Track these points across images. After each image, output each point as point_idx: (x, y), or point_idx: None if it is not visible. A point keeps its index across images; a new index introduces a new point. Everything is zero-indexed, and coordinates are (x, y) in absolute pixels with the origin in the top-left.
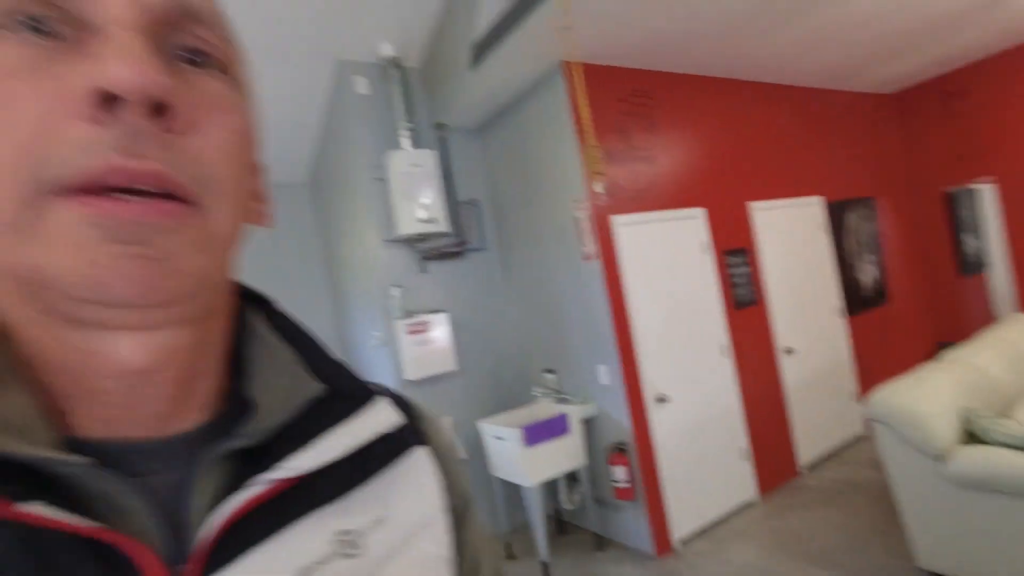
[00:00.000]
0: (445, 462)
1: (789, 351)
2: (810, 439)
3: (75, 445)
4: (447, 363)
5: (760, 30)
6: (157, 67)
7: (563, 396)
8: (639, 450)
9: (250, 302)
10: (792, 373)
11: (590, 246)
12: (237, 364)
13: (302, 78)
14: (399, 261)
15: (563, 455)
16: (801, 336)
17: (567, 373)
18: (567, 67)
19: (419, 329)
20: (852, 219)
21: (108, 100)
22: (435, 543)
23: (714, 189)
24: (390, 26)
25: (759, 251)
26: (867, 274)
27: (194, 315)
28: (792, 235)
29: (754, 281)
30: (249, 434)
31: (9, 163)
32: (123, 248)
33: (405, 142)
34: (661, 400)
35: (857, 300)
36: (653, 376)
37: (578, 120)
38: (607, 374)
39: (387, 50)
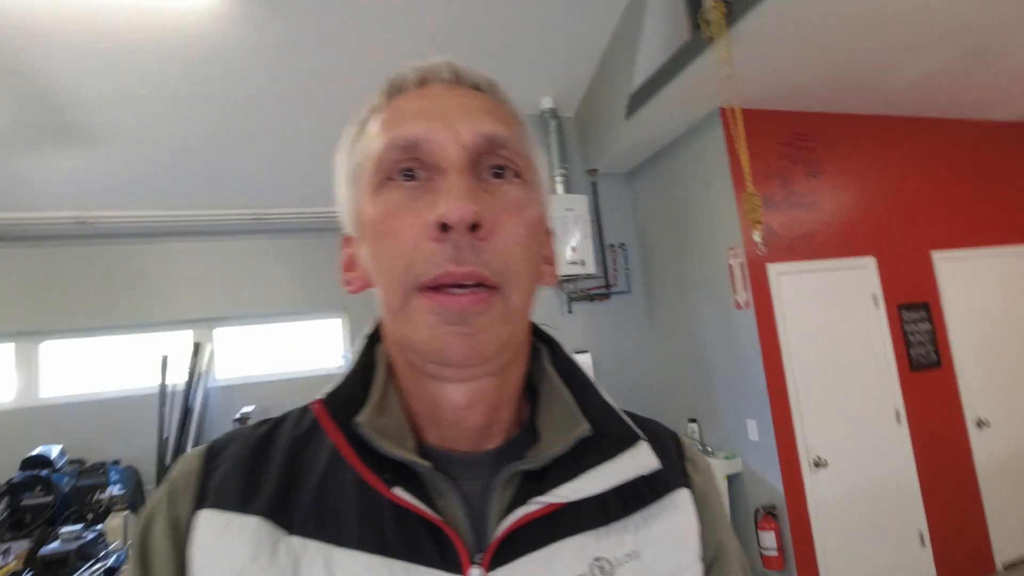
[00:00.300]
0: (704, 507)
1: (982, 423)
2: (1011, 532)
3: (424, 451)
4: None
5: (949, 63)
6: (473, 199)
7: (705, 448)
8: (791, 516)
9: (543, 342)
10: (986, 449)
11: (743, 295)
12: (531, 396)
13: None
14: (547, 301)
15: None
16: (998, 406)
17: (711, 424)
18: (724, 113)
19: None
20: None
21: (444, 227)
22: None
23: (888, 236)
24: (549, 80)
25: (944, 306)
26: None
27: (497, 368)
28: (989, 288)
29: (937, 340)
30: (533, 460)
31: (398, 272)
32: (453, 328)
33: (559, 187)
34: (819, 464)
35: None
36: (810, 436)
37: (735, 166)
38: (757, 430)
39: (547, 102)
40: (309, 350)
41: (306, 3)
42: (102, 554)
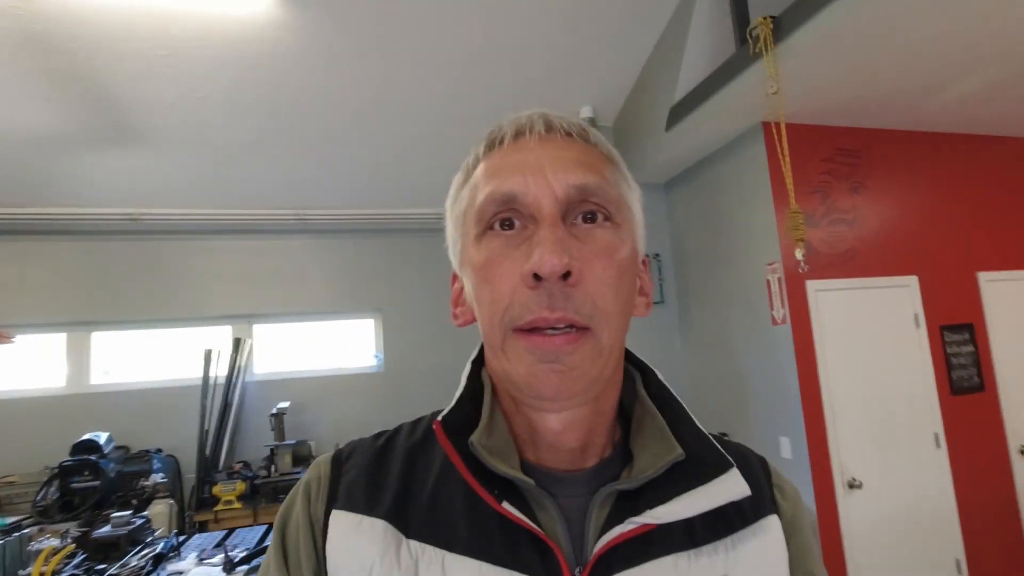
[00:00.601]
0: (793, 535)
1: None
2: None
3: (525, 469)
4: None
5: (997, 82)
6: (563, 250)
7: None
8: (823, 537)
9: (637, 369)
10: None
11: (781, 311)
12: (624, 419)
13: None
14: None
15: None
16: None
17: (742, 438)
18: (766, 127)
19: None
20: None
21: (537, 276)
22: None
23: (931, 256)
24: (590, 90)
25: (989, 329)
26: None
27: (588, 400)
28: None
29: (981, 363)
30: (629, 481)
31: (499, 315)
32: (547, 366)
33: None
34: (853, 485)
35: None
36: (845, 457)
37: (776, 181)
38: (790, 447)
39: (587, 112)
40: (342, 349)
41: (355, 14)
42: (149, 540)
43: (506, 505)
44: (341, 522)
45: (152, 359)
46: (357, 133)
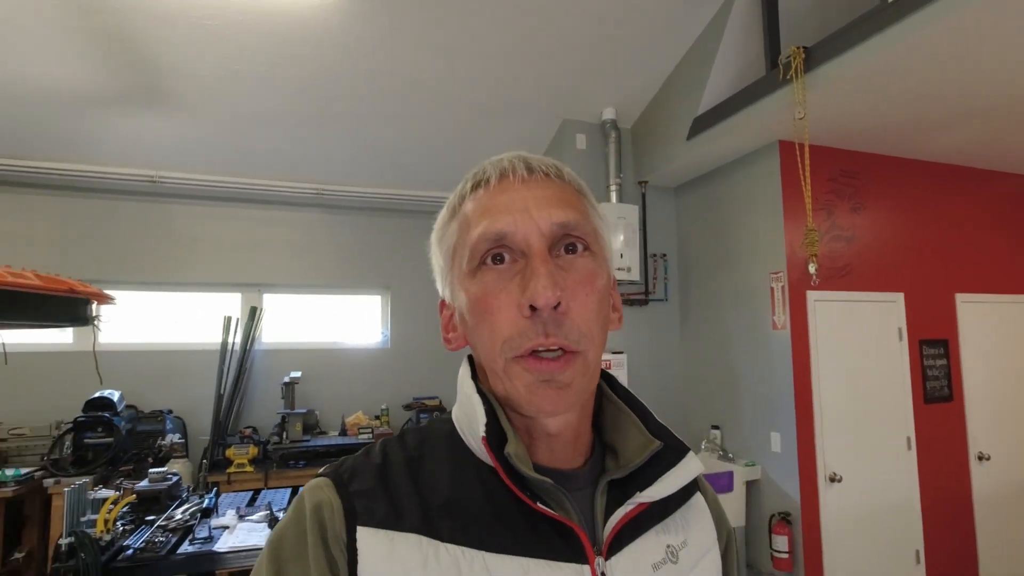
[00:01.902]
0: (712, 503)
1: (983, 457)
2: (998, 559)
3: (538, 469)
4: None
5: (999, 126)
6: (555, 283)
7: (727, 454)
8: (804, 524)
9: (602, 377)
10: (984, 482)
11: (782, 317)
12: (598, 421)
13: (530, 131)
14: None
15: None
16: (1000, 443)
17: (733, 432)
18: (782, 146)
19: (602, 366)
20: None
21: (533, 307)
22: (714, 566)
23: (916, 275)
24: (615, 93)
25: (962, 345)
26: None
27: (578, 407)
28: (1006, 333)
29: (952, 376)
30: (620, 471)
31: (499, 344)
32: (545, 385)
33: (613, 195)
34: (833, 479)
35: None
36: (828, 453)
37: (788, 197)
38: (780, 442)
39: (609, 113)
40: (349, 324)
41: (406, 4)
42: (184, 495)
43: (540, 504)
44: (371, 541)
45: (160, 321)
46: (387, 116)
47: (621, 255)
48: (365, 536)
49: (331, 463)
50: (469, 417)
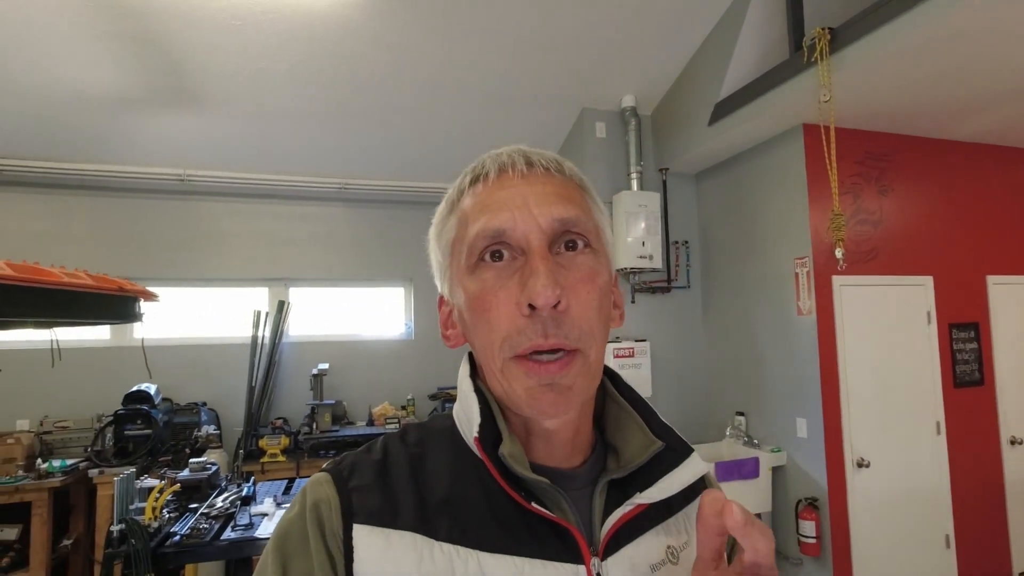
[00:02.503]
0: None
1: (1016, 441)
2: None
3: (536, 468)
4: (645, 388)
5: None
6: (554, 281)
7: (752, 440)
8: (832, 510)
9: (604, 374)
10: (1017, 466)
11: (807, 302)
12: (600, 420)
13: (549, 120)
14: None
15: (749, 498)
16: None
17: (758, 418)
18: (807, 129)
19: (626, 353)
20: None
21: (532, 306)
22: None
23: (945, 258)
24: (634, 80)
25: (993, 328)
26: None
27: (578, 406)
28: None
29: (983, 360)
30: (621, 470)
31: (497, 343)
32: (545, 387)
33: (634, 183)
34: (861, 464)
35: None
36: (856, 438)
37: (812, 181)
38: (806, 428)
39: (629, 100)
40: (374, 316)
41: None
42: (223, 484)
43: (535, 504)
44: (367, 539)
45: (192, 316)
46: (408, 108)
47: (643, 243)
48: (361, 533)
49: (333, 458)
50: (467, 415)
